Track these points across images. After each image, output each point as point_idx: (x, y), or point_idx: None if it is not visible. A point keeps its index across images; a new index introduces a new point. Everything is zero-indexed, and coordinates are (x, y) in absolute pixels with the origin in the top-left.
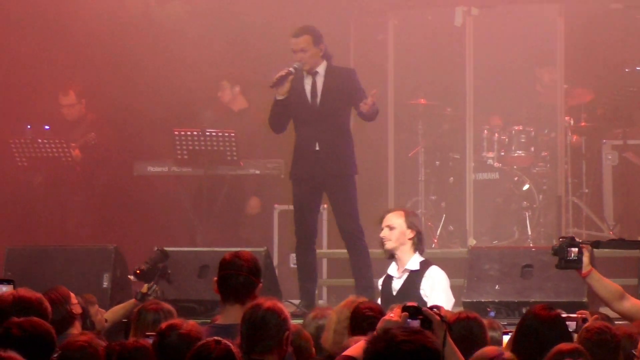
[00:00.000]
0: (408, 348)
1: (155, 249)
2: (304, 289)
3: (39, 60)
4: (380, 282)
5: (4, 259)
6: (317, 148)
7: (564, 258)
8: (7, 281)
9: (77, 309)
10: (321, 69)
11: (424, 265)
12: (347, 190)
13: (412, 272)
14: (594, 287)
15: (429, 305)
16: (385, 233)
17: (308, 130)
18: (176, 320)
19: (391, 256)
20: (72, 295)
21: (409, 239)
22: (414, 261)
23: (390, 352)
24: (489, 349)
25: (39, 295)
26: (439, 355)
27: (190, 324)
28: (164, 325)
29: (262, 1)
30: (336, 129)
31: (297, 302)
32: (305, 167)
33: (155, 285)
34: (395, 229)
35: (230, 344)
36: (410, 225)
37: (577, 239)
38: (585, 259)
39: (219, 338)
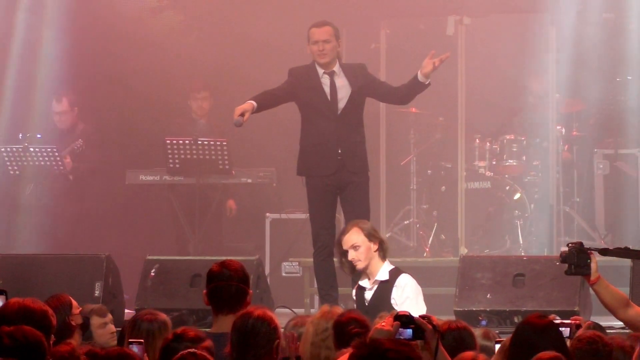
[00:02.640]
0: (393, 356)
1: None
2: (331, 299)
3: (32, 69)
4: (353, 292)
5: None
6: (338, 145)
7: (573, 264)
8: None
9: (76, 320)
10: (337, 68)
11: (394, 274)
12: (362, 188)
13: (382, 282)
14: (601, 294)
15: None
16: (352, 255)
17: (327, 127)
18: (186, 328)
19: (360, 272)
20: (75, 304)
21: (375, 251)
22: (383, 271)
23: (375, 358)
24: (466, 355)
25: (45, 307)
26: None
27: (197, 331)
28: (171, 334)
29: (254, 11)
30: (355, 127)
31: (296, 310)
32: (324, 167)
33: None
34: (360, 247)
35: (206, 355)
36: (371, 238)
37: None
38: (594, 265)
39: (194, 350)
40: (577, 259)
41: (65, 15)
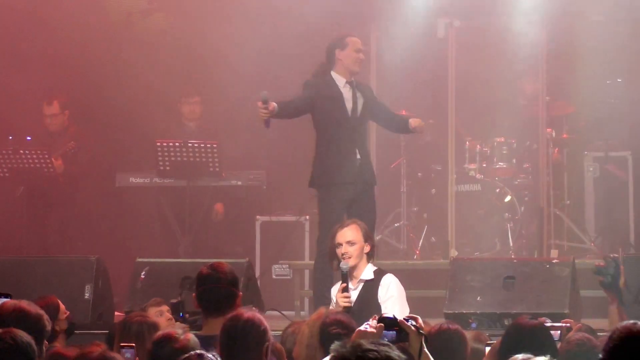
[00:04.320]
0: (373, 356)
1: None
2: (326, 300)
3: (21, 71)
4: (333, 293)
5: None
6: (358, 156)
7: (609, 275)
8: (4, 295)
9: (61, 325)
10: (354, 79)
11: (379, 274)
12: (373, 200)
13: (367, 281)
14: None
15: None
16: (347, 249)
17: (346, 137)
18: (171, 331)
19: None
20: (62, 309)
21: (365, 253)
22: (368, 271)
23: (356, 357)
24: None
25: (41, 312)
26: None
27: (188, 337)
28: (158, 335)
29: (242, 15)
30: (366, 137)
31: (286, 313)
32: (346, 175)
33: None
34: (355, 244)
35: (214, 357)
36: (366, 239)
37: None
38: (622, 279)
39: (202, 351)
40: (613, 272)
41: (55, 17)
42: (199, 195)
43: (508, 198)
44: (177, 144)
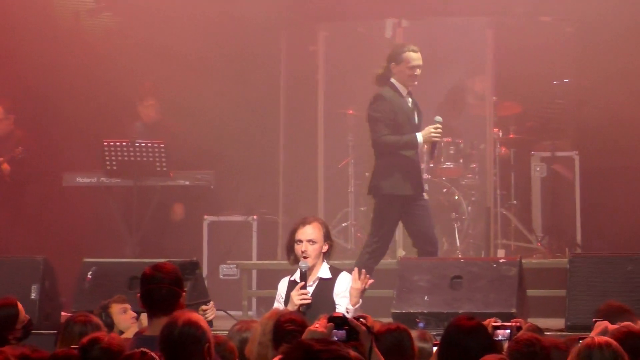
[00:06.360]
0: (326, 357)
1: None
2: None
3: None
4: (282, 287)
5: None
6: (419, 165)
7: None
8: None
9: (16, 334)
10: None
11: (335, 272)
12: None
13: (323, 279)
14: None
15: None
16: (307, 247)
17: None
18: (98, 334)
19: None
20: (21, 318)
21: (324, 252)
22: (324, 269)
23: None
24: (489, 357)
25: None
26: None
27: (112, 337)
28: (85, 339)
29: (190, 14)
30: None
31: (234, 312)
32: (411, 187)
33: None
34: (316, 243)
35: (156, 356)
36: (325, 239)
37: None
38: None
39: (146, 350)
40: None
41: None
42: (147, 195)
43: (455, 198)
44: (124, 143)
